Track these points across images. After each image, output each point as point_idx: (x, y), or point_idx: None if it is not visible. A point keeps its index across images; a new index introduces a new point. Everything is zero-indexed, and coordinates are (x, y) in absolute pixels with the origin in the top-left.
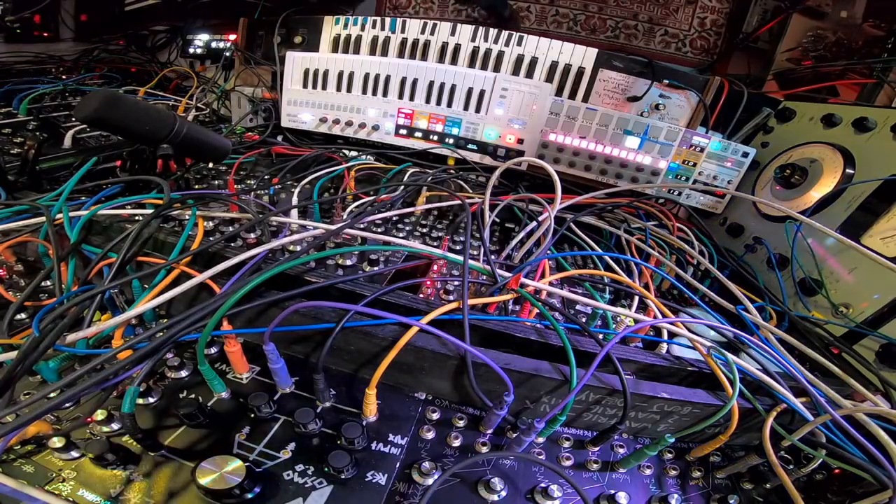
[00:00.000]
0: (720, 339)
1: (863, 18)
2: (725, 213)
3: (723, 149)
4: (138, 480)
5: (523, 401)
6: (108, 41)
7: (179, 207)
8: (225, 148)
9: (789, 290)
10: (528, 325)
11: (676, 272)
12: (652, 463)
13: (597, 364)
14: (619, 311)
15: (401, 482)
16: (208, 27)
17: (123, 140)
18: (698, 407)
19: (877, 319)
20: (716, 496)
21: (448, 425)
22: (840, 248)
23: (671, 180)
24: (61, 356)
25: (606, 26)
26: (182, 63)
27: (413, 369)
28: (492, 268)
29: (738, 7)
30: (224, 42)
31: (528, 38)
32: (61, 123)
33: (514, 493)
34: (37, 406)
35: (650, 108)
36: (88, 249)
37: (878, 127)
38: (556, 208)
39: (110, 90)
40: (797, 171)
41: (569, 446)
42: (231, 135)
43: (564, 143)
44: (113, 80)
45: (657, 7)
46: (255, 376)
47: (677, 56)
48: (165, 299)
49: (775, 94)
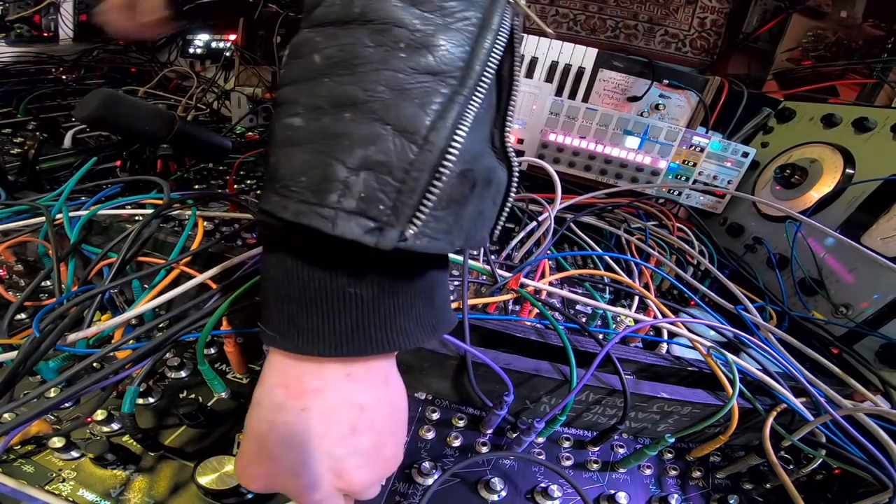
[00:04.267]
0: (720, 339)
1: (863, 18)
2: (725, 213)
3: (723, 149)
4: (138, 480)
5: (523, 401)
6: (108, 41)
7: (179, 207)
8: (225, 148)
9: (789, 290)
10: (528, 325)
11: (676, 272)
12: (652, 463)
13: (597, 364)
14: (619, 311)
15: (401, 482)
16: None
17: (123, 140)
18: (698, 407)
19: (877, 319)
20: (716, 496)
21: (448, 425)
22: (840, 248)
23: (671, 180)
24: (62, 356)
25: (606, 26)
26: (182, 63)
27: (413, 369)
28: (492, 268)
29: (738, 7)
30: (224, 42)
31: (527, 38)
32: (61, 123)
33: (514, 493)
34: (37, 405)
35: (650, 108)
36: (88, 249)
37: (878, 127)
38: (556, 208)
39: (110, 90)
40: (797, 171)
41: (569, 446)
42: (231, 135)
43: (564, 143)
44: (113, 80)
45: (657, 7)
46: (256, 376)
47: (677, 56)
48: (165, 299)
49: (775, 94)
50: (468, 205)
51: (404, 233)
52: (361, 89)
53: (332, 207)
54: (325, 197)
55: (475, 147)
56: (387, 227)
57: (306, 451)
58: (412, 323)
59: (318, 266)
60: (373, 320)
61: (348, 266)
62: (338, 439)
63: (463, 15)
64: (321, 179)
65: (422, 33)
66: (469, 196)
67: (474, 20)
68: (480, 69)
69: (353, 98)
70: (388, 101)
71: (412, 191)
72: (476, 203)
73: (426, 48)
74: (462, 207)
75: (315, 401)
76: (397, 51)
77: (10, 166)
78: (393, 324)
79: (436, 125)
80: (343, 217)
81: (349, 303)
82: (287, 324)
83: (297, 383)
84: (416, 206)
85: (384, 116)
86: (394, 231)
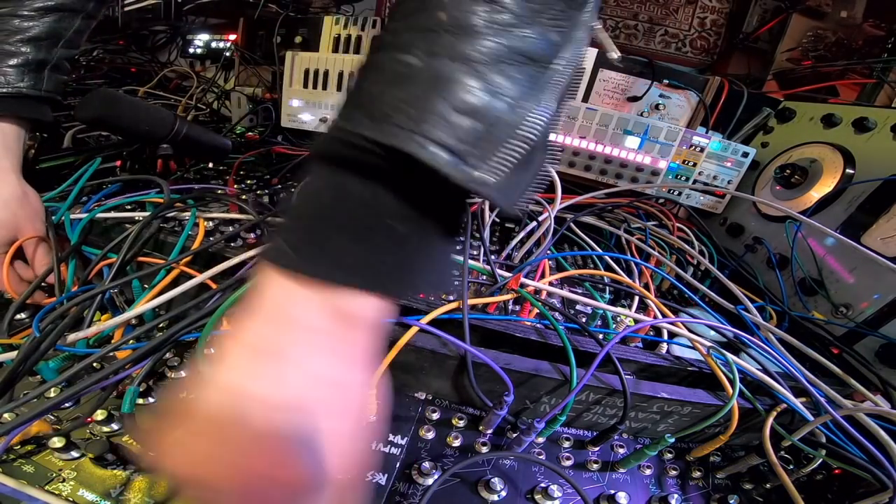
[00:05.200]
0: (720, 339)
1: (863, 18)
2: (725, 213)
3: (723, 149)
4: (138, 480)
5: (523, 401)
6: (108, 41)
7: (180, 207)
8: (225, 147)
9: (789, 290)
10: (528, 325)
11: (676, 272)
12: (652, 463)
13: (597, 364)
14: (619, 311)
15: (401, 482)
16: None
17: (123, 140)
18: (698, 407)
19: (877, 319)
20: (716, 496)
21: (448, 425)
22: (840, 248)
23: (671, 180)
24: (62, 356)
25: (606, 26)
26: (182, 63)
27: (413, 369)
28: (492, 268)
29: (738, 7)
30: (224, 42)
31: None
32: (61, 123)
33: (514, 493)
34: (37, 405)
35: (650, 108)
36: (88, 250)
37: (878, 127)
38: (556, 208)
39: (110, 90)
40: (797, 171)
41: (569, 446)
42: (231, 135)
43: (564, 143)
44: (113, 80)
45: (657, 7)
46: None
47: (677, 56)
48: (165, 299)
49: (775, 94)
50: (524, 174)
51: (484, 177)
52: (478, 53)
53: (428, 137)
54: (426, 128)
55: (547, 123)
56: (470, 168)
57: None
58: (434, 276)
59: (377, 198)
60: (407, 265)
61: (410, 200)
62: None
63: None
64: (428, 112)
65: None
66: (526, 166)
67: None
68: (563, 65)
69: (468, 57)
70: (493, 68)
71: (500, 145)
72: (532, 169)
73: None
74: (522, 175)
75: (283, 367)
76: (504, 33)
77: None
78: (421, 272)
79: (526, 98)
80: (435, 147)
81: (392, 237)
82: (314, 247)
83: (270, 344)
84: (500, 160)
85: (489, 79)
86: (476, 172)
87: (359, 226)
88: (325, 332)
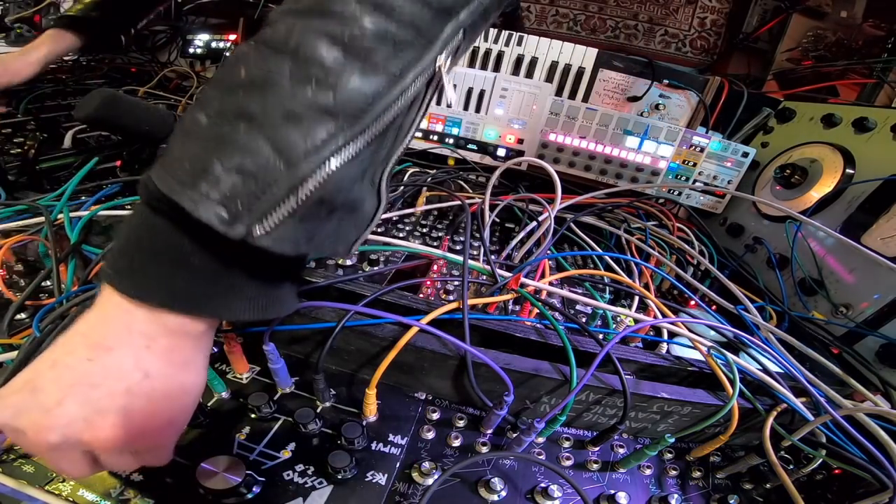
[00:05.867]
0: (720, 339)
1: (863, 18)
2: (725, 213)
3: (723, 149)
4: (138, 480)
5: (523, 401)
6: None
7: None
8: None
9: (789, 290)
10: (528, 325)
11: (676, 272)
12: (652, 463)
13: (597, 364)
14: (620, 311)
15: (401, 482)
16: (208, 27)
17: (123, 140)
18: (698, 407)
19: (877, 319)
20: (716, 496)
21: (448, 425)
22: (840, 248)
23: (671, 180)
24: None
25: (606, 26)
26: (182, 63)
27: (413, 369)
28: (492, 268)
29: (738, 7)
30: (224, 42)
31: (528, 38)
32: (61, 123)
33: (514, 493)
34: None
35: (650, 108)
36: (88, 249)
37: (878, 127)
38: (556, 208)
39: (110, 90)
40: (797, 171)
41: (569, 446)
42: None
43: (564, 143)
44: (113, 80)
45: (657, 7)
46: (255, 376)
47: (677, 56)
48: None
49: (775, 94)
50: (324, 225)
51: (252, 230)
52: (262, 110)
53: (201, 194)
54: (198, 184)
55: (345, 181)
56: (237, 223)
57: (72, 393)
58: (241, 302)
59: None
60: (204, 289)
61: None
62: (107, 393)
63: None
64: (200, 170)
65: (335, 75)
66: (326, 218)
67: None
68: (373, 118)
69: (252, 115)
70: (278, 124)
71: (268, 200)
72: (334, 224)
73: (332, 88)
74: (317, 226)
75: (104, 356)
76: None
77: (10, 166)
78: (219, 297)
79: (309, 155)
80: (206, 204)
81: (189, 269)
82: (128, 269)
83: (96, 335)
84: (267, 213)
85: (270, 136)
86: (242, 227)
87: (166, 259)
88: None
